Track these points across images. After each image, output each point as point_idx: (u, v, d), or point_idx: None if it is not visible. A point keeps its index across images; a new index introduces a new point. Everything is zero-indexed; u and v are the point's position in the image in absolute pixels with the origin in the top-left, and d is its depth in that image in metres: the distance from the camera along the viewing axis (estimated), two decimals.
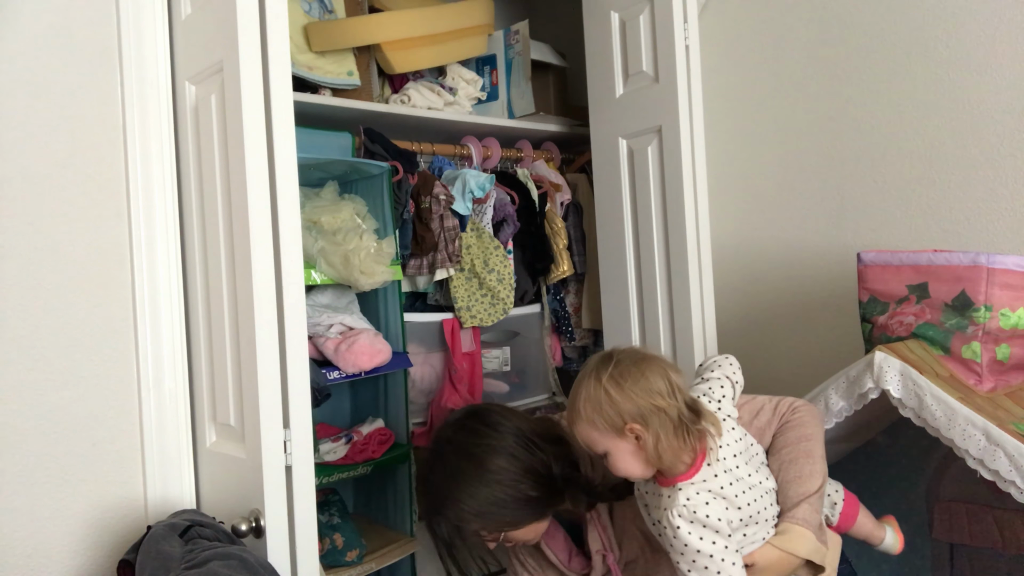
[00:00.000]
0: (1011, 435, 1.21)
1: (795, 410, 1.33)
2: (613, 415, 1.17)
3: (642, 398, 1.16)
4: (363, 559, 1.87)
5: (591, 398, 1.18)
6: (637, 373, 1.18)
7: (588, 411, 1.19)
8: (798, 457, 1.26)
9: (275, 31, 1.31)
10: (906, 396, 1.33)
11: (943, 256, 1.45)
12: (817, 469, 1.25)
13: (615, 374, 1.18)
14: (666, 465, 1.18)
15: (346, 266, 1.83)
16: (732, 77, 2.13)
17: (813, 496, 1.23)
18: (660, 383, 1.17)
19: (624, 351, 1.23)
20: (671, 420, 1.16)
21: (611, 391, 1.17)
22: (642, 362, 1.19)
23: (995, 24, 1.65)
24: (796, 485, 1.24)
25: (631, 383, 1.17)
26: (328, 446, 1.88)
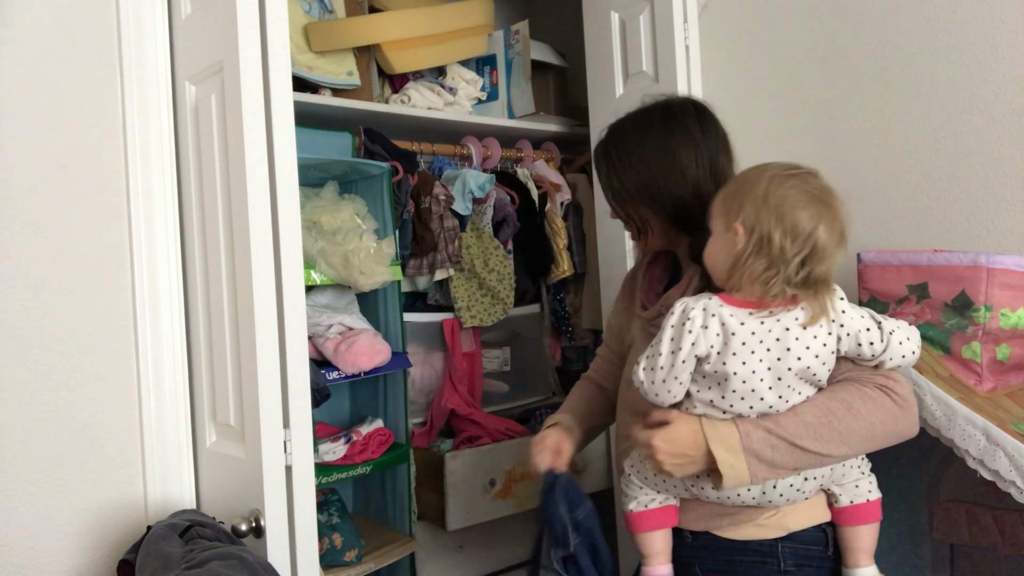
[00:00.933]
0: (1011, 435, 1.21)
1: (886, 387, 1.10)
2: (736, 205, 1.07)
3: (768, 217, 1.04)
4: (362, 559, 1.86)
5: (748, 179, 1.10)
6: (796, 197, 1.05)
7: (730, 187, 1.11)
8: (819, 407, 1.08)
9: (275, 31, 1.32)
10: None
11: (943, 256, 1.45)
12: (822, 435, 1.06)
13: (784, 178, 1.06)
14: (734, 283, 1.07)
15: (346, 266, 1.83)
16: (732, 77, 2.13)
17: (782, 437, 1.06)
18: (802, 227, 1.03)
19: (818, 176, 1.10)
20: (768, 258, 1.03)
21: (761, 186, 1.06)
22: (816, 194, 1.06)
23: (995, 24, 1.65)
24: (785, 416, 1.08)
25: (780, 196, 1.04)
26: (327, 446, 1.88)
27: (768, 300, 1.06)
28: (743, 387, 1.07)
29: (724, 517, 1.18)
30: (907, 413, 1.11)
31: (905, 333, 1.12)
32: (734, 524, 1.18)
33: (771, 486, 1.12)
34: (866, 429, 1.08)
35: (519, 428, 2.17)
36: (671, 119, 1.27)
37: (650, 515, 1.20)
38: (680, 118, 1.27)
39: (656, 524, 1.20)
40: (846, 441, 1.08)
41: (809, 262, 1.04)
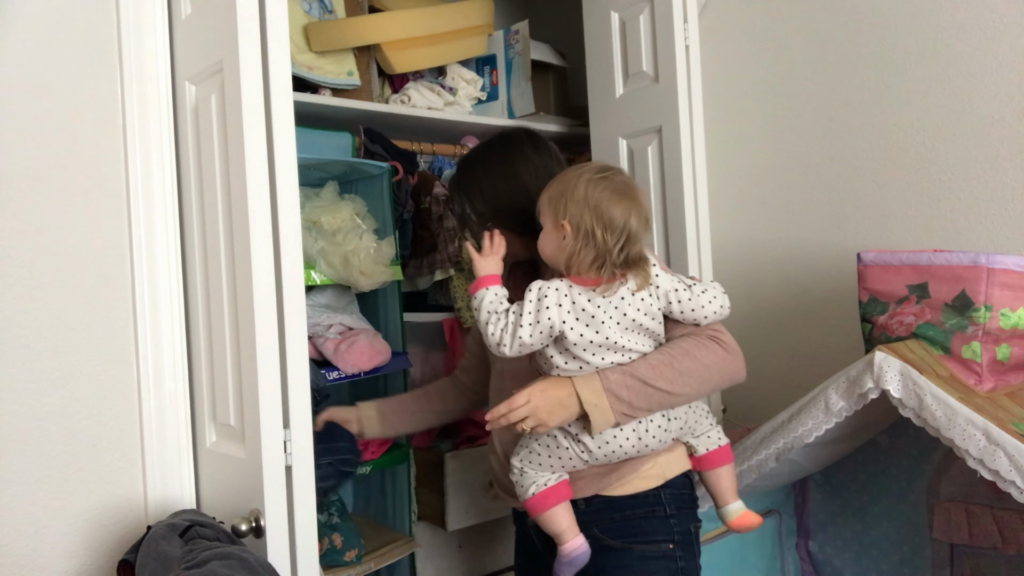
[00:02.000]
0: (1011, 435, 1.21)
1: (715, 338, 1.32)
2: (562, 207, 1.27)
3: (589, 216, 1.25)
4: (362, 559, 1.87)
5: (567, 182, 1.29)
6: (610, 196, 1.26)
7: (555, 189, 1.30)
8: (663, 352, 1.29)
9: (275, 31, 1.31)
10: (906, 396, 1.33)
11: (943, 256, 1.45)
12: (667, 375, 1.26)
13: (597, 180, 1.27)
14: (570, 267, 1.27)
15: (346, 267, 1.83)
16: (732, 77, 2.13)
17: (636, 378, 1.25)
18: (617, 219, 1.25)
19: (624, 175, 1.31)
20: (595, 251, 1.24)
21: (579, 189, 1.26)
22: (623, 191, 1.27)
23: (995, 24, 1.65)
24: (636, 361, 1.28)
25: (597, 198, 1.26)
26: None
27: (602, 278, 1.26)
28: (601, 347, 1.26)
29: (610, 476, 1.34)
30: (735, 358, 1.34)
31: (712, 293, 1.34)
32: (620, 479, 1.34)
33: (644, 431, 1.29)
34: (702, 370, 1.29)
35: None
36: (508, 145, 1.46)
37: (549, 493, 1.33)
38: (516, 143, 1.46)
39: (556, 499, 1.32)
40: (687, 381, 1.28)
41: (626, 246, 1.26)
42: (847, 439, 1.64)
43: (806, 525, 1.89)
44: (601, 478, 1.35)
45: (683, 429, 1.35)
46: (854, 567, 1.80)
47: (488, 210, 1.43)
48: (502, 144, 1.47)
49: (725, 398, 2.03)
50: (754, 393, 2.13)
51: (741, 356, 1.35)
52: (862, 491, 1.78)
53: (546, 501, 1.32)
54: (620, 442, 1.29)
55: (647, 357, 1.29)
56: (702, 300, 1.32)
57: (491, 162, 1.45)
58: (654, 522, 1.35)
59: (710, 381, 1.31)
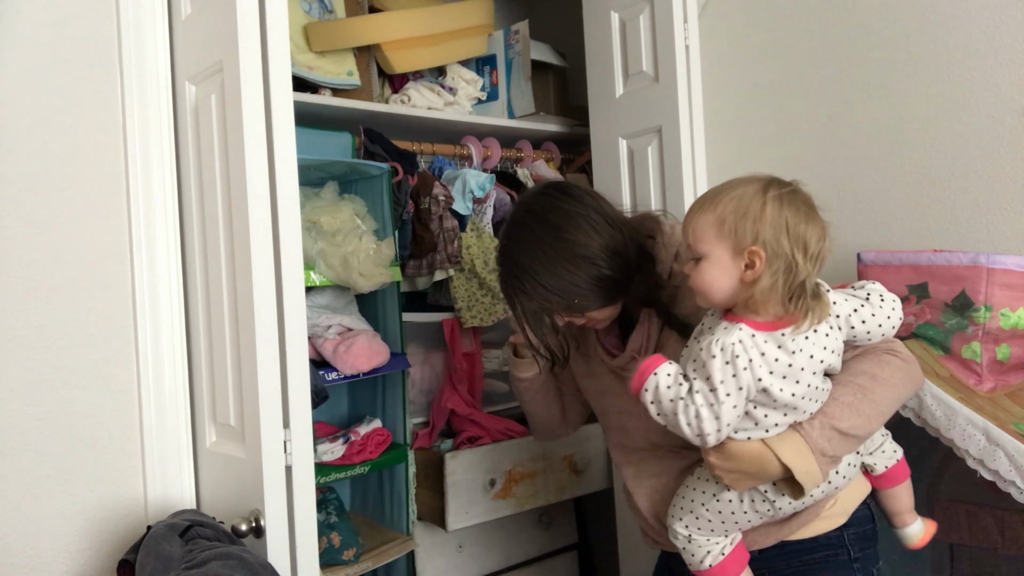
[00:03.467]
0: (1011, 435, 1.22)
1: (892, 351, 1.15)
2: (749, 230, 1.04)
3: (787, 239, 1.03)
4: (360, 558, 1.86)
5: (742, 199, 1.06)
6: (806, 213, 1.05)
7: (728, 209, 1.06)
8: (850, 384, 1.11)
9: (275, 31, 1.31)
10: None
11: (943, 256, 1.45)
12: (861, 409, 1.09)
13: (787, 196, 1.06)
14: (749, 306, 1.06)
15: (345, 268, 1.83)
16: (732, 77, 2.13)
17: (834, 428, 1.08)
18: (815, 240, 1.04)
19: (803, 189, 1.09)
20: (792, 277, 1.03)
21: (769, 209, 1.04)
22: (814, 210, 1.07)
23: (995, 24, 1.65)
24: (827, 404, 1.10)
25: (793, 216, 1.04)
26: (326, 446, 1.88)
27: (788, 316, 1.05)
28: (801, 402, 1.07)
29: (790, 523, 1.20)
30: (915, 366, 1.17)
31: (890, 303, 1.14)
32: (802, 525, 1.20)
33: (834, 473, 1.14)
34: (892, 391, 1.13)
35: (519, 428, 2.17)
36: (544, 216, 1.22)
37: (729, 562, 1.17)
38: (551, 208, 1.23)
39: (738, 567, 1.17)
40: (881, 408, 1.12)
41: (816, 270, 1.06)
42: None
43: None
44: (780, 527, 1.21)
45: (861, 451, 1.21)
46: None
47: (561, 301, 1.21)
48: (536, 218, 1.23)
49: None
50: None
51: (916, 360, 1.19)
52: None
53: (726, 571, 1.17)
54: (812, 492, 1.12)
55: (835, 393, 1.11)
56: (884, 313, 1.13)
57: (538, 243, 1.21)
58: (836, 566, 1.21)
59: (899, 400, 1.15)
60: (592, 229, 1.20)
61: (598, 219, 1.21)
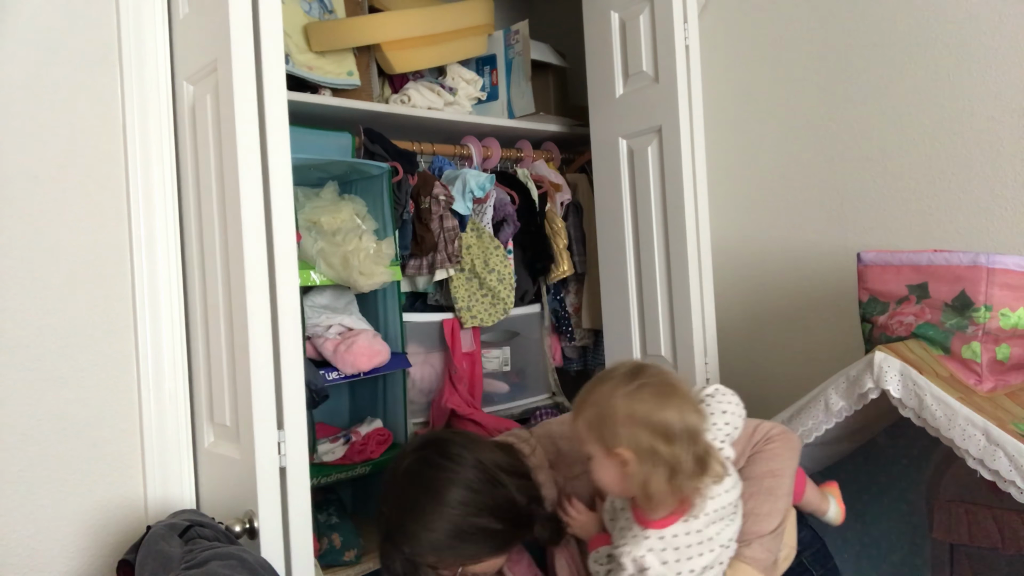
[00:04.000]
0: (1011, 435, 1.21)
1: (769, 440, 1.29)
2: (609, 433, 1.12)
3: (645, 434, 1.09)
4: (361, 559, 1.86)
5: (599, 404, 1.14)
6: (655, 404, 1.10)
7: (590, 414, 1.15)
8: (759, 493, 1.24)
9: (268, 30, 1.31)
10: (906, 396, 1.33)
11: (943, 256, 1.45)
12: (777, 508, 1.23)
13: (634, 393, 1.12)
14: (644, 505, 1.14)
15: (345, 267, 1.83)
16: (732, 77, 2.13)
17: (767, 536, 1.21)
18: (675, 425, 1.09)
19: (656, 372, 1.15)
20: (667, 468, 1.09)
21: (619, 409, 1.11)
22: (667, 394, 1.12)
23: (995, 24, 1.65)
24: (751, 522, 1.22)
25: (644, 411, 1.10)
26: (326, 446, 1.88)
27: (684, 501, 1.13)
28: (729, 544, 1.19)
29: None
30: (789, 435, 1.32)
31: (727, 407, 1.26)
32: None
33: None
34: (788, 475, 1.28)
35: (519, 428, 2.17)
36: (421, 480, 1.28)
37: None
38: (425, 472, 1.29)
39: None
40: (785, 493, 1.26)
41: (693, 449, 1.11)
42: (847, 439, 1.64)
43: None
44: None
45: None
46: (854, 567, 1.80)
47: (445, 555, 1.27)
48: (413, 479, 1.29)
49: None
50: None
51: (782, 427, 1.34)
52: (862, 491, 1.78)
53: None
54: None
55: (750, 508, 1.22)
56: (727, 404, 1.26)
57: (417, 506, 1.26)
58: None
59: (794, 472, 1.30)
60: (471, 490, 1.26)
61: (476, 478, 1.27)
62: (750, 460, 1.28)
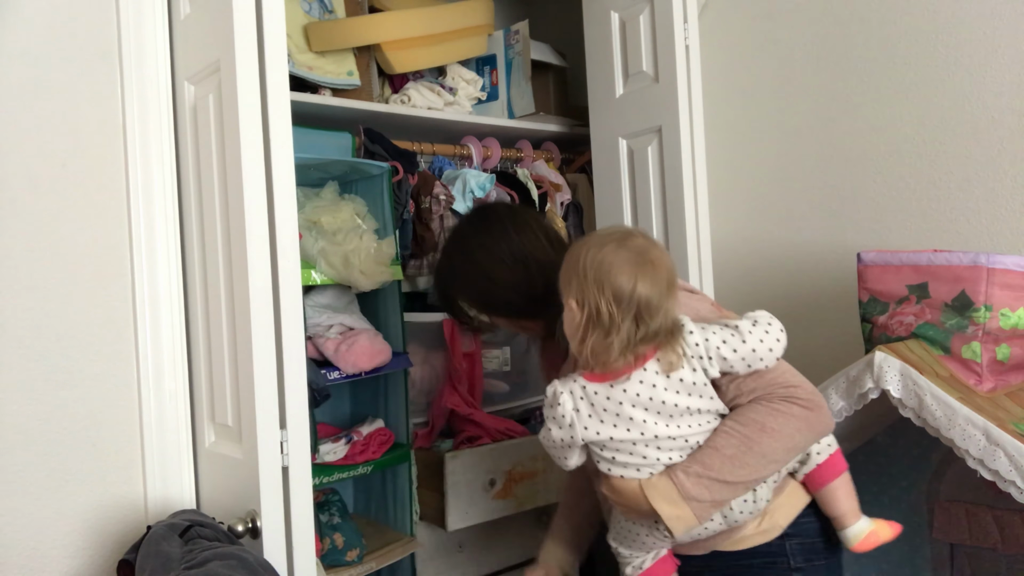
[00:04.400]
0: (1011, 435, 1.21)
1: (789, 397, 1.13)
2: (568, 281, 1.13)
3: (593, 289, 1.08)
4: (363, 559, 1.86)
5: (573, 252, 1.14)
6: (615, 262, 1.09)
7: (565, 260, 1.16)
8: (735, 435, 1.11)
9: (272, 30, 1.31)
10: (906, 396, 1.33)
11: (943, 256, 1.45)
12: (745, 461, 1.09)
13: (600, 247, 1.11)
14: (581, 356, 1.12)
15: (346, 266, 1.83)
16: (732, 77, 2.13)
17: (713, 479, 1.09)
18: (624, 290, 1.07)
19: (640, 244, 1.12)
20: (604, 327, 1.08)
21: (581, 259, 1.11)
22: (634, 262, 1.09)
23: (995, 24, 1.65)
24: (708, 454, 1.11)
25: (599, 267, 1.09)
26: (328, 446, 1.88)
27: (617, 367, 1.10)
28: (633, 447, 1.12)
29: (717, 539, 1.21)
30: (819, 413, 1.15)
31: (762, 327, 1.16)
32: (733, 541, 1.21)
33: (728, 509, 1.14)
34: (785, 441, 1.12)
35: (519, 428, 2.17)
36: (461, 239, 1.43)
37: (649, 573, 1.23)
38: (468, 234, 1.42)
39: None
40: (771, 459, 1.11)
41: (643, 319, 1.08)
42: (847, 439, 1.64)
43: None
44: (707, 542, 1.21)
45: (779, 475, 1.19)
46: (854, 567, 1.80)
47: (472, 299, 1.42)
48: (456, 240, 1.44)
49: None
50: None
51: (825, 406, 1.17)
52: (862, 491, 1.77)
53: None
54: (705, 525, 1.14)
55: (717, 444, 1.11)
56: (753, 341, 1.13)
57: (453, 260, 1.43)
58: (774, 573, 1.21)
59: (796, 449, 1.15)
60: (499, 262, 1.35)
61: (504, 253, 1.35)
62: (753, 401, 1.14)
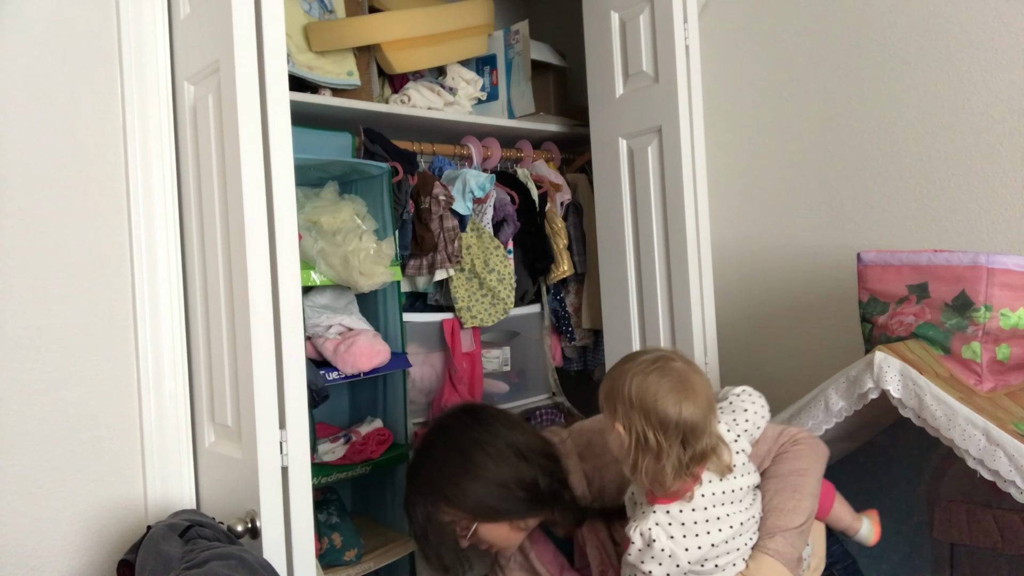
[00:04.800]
0: (1011, 435, 1.21)
1: (796, 441, 1.31)
2: (612, 406, 1.18)
3: (638, 418, 1.15)
4: (361, 558, 1.86)
5: (614, 378, 1.19)
6: (659, 393, 1.14)
7: (606, 386, 1.21)
8: (784, 489, 1.26)
9: (271, 30, 1.31)
10: (906, 396, 1.33)
11: (943, 256, 1.45)
12: (803, 506, 1.25)
13: (646, 378, 1.16)
14: (645, 484, 1.17)
15: (345, 267, 1.83)
16: (732, 77, 2.13)
17: (791, 531, 1.22)
18: (670, 417, 1.13)
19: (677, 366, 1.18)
20: (655, 453, 1.14)
21: (626, 388, 1.16)
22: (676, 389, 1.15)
23: (995, 24, 1.65)
24: (776, 516, 1.24)
25: (643, 396, 1.14)
26: (327, 446, 1.88)
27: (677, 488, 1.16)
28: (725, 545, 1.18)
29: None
30: (818, 442, 1.33)
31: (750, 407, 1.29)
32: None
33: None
34: (815, 475, 1.29)
35: None
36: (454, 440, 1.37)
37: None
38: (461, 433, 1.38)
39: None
40: (813, 493, 1.28)
41: (690, 442, 1.15)
42: (847, 439, 1.64)
43: None
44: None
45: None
46: None
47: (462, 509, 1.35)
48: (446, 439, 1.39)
49: None
50: None
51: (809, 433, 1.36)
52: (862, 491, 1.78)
53: None
54: None
55: (775, 504, 1.25)
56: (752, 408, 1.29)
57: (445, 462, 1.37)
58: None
59: (821, 474, 1.31)
60: (498, 458, 1.34)
61: (505, 450, 1.35)
62: (776, 460, 1.30)
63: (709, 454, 1.17)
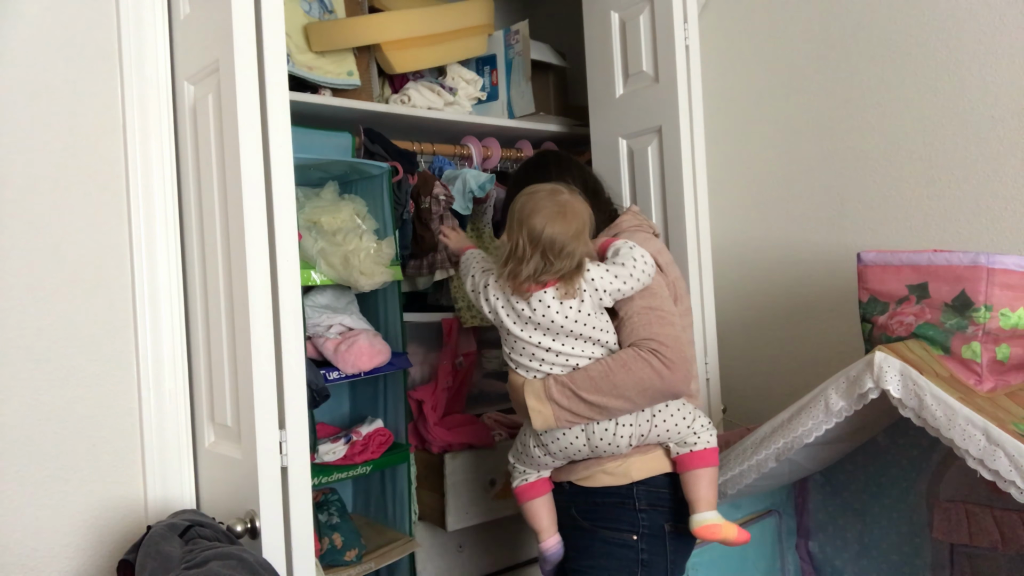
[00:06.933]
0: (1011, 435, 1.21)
1: (654, 351, 1.36)
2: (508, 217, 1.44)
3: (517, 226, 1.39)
4: (362, 559, 1.87)
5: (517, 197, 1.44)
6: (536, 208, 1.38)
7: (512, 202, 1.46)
8: (603, 362, 1.37)
9: (271, 30, 1.31)
10: (906, 396, 1.33)
11: (943, 256, 1.45)
12: (599, 384, 1.35)
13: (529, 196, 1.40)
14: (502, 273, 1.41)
15: (346, 267, 1.83)
16: (732, 77, 2.13)
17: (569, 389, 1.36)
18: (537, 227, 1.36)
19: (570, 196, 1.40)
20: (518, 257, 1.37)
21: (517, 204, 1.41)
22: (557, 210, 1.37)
23: (995, 24, 1.65)
24: (575, 372, 1.38)
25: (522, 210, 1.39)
26: (327, 446, 1.88)
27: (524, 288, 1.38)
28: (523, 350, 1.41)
29: (577, 469, 1.47)
30: (674, 372, 1.37)
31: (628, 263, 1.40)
32: (587, 472, 1.46)
33: (592, 432, 1.40)
34: (637, 383, 1.35)
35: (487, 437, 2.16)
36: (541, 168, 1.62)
37: (528, 487, 1.52)
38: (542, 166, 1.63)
39: (534, 493, 1.52)
40: (621, 393, 1.36)
41: (550, 256, 1.35)
42: (847, 439, 1.64)
43: (806, 525, 1.89)
44: (572, 471, 1.49)
45: (644, 436, 1.41)
46: (854, 567, 1.80)
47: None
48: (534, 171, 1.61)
49: (725, 398, 2.03)
50: (754, 393, 2.13)
51: (683, 369, 1.38)
52: (862, 491, 1.78)
53: (524, 495, 1.53)
54: (570, 440, 1.41)
55: (587, 367, 1.38)
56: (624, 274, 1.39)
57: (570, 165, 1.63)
58: (621, 512, 1.45)
59: (645, 394, 1.37)
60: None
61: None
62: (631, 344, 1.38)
63: (566, 271, 1.36)
